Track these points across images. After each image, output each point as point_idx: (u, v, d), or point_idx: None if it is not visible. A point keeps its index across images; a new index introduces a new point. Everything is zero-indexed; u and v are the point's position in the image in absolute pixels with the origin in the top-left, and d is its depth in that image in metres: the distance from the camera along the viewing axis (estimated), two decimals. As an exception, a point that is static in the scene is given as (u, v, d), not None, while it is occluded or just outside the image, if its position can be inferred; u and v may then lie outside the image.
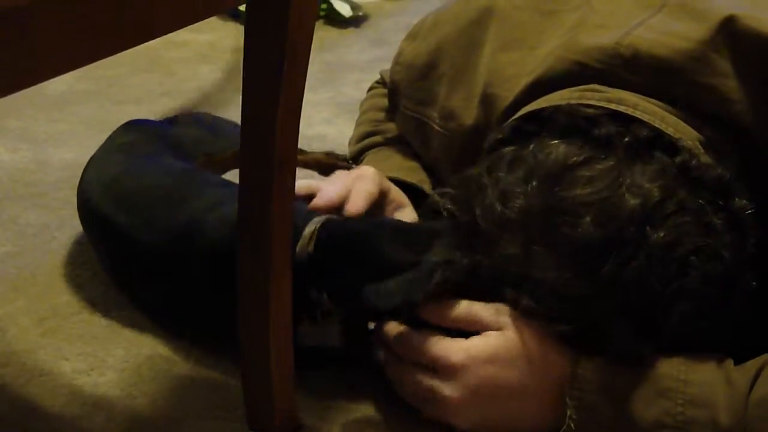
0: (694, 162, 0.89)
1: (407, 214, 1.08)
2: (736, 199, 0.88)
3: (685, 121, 0.92)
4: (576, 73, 0.97)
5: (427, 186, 1.14)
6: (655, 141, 0.90)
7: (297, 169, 0.86)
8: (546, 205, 0.86)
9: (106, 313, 1.07)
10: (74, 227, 1.20)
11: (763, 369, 0.85)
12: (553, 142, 0.89)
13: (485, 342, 0.90)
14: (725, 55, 0.92)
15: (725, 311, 0.87)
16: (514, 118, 0.97)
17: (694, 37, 0.93)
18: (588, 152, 0.88)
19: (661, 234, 0.84)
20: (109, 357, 1.00)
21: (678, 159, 0.88)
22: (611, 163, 0.87)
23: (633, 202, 0.85)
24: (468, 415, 0.91)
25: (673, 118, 0.92)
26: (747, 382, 0.84)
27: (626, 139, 0.88)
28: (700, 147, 0.91)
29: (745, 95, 0.91)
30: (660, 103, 0.93)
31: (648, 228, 0.84)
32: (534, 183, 0.87)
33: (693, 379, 0.85)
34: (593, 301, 0.85)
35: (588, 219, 0.84)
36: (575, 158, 0.87)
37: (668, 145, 0.89)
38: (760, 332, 0.90)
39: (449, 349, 0.90)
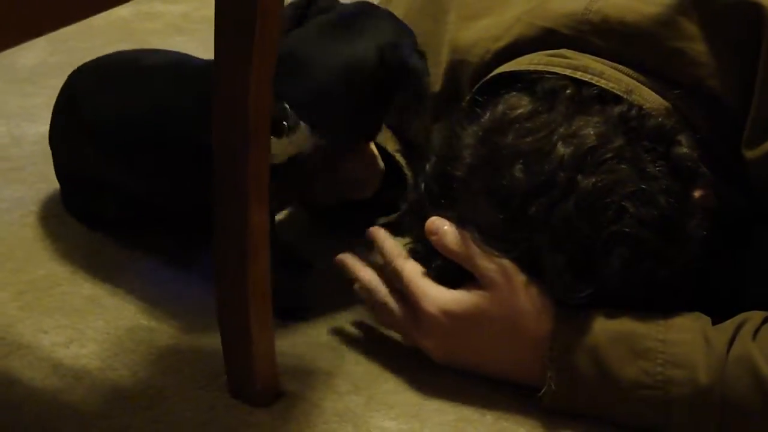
0: (633, 112, 0.91)
1: (372, 151, 1.08)
2: (677, 147, 0.90)
3: (653, 89, 0.93)
4: (545, 39, 0.97)
5: (390, 145, 1.14)
6: (599, 95, 0.92)
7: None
8: (486, 155, 0.90)
9: (85, 285, 1.06)
10: (51, 201, 1.19)
11: (741, 328, 0.86)
12: (501, 98, 0.92)
13: (462, 298, 0.91)
14: (694, 19, 0.92)
15: (673, 257, 0.88)
16: (482, 81, 0.98)
17: (662, 1, 0.93)
18: (532, 105, 0.91)
19: (593, 180, 0.87)
20: (88, 329, 1.00)
21: (617, 109, 0.90)
22: (553, 115, 0.90)
23: (564, 150, 0.87)
24: (437, 354, 0.94)
25: (638, 86, 0.93)
26: (725, 341, 0.85)
27: (568, 92, 0.91)
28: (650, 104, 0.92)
29: (714, 59, 0.92)
30: (628, 70, 0.94)
31: (579, 175, 0.87)
32: (480, 134, 0.91)
33: (672, 339, 0.86)
34: (526, 240, 0.88)
35: (518, 167, 0.88)
36: (520, 111, 0.90)
37: (611, 98, 0.91)
38: (735, 290, 0.91)
39: (426, 294, 0.92)
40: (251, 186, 0.82)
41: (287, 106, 0.92)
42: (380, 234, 0.98)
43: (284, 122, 0.92)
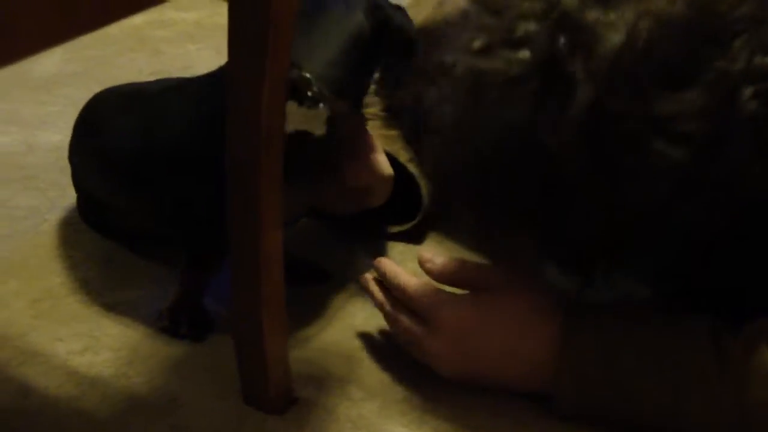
0: None
1: (383, 156, 1.07)
2: None
3: None
4: None
5: (402, 155, 1.14)
6: None
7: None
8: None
9: (100, 293, 1.07)
10: (65, 209, 1.20)
11: (756, 334, 0.85)
12: None
13: (472, 301, 0.91)
14: None
15: None
16: None
17: None
18: None
19: None
20: (103, 337, 1.00)
21: None
22: None
23: None
24: (449, 366, 0.93)
25: None
26: (741, 348, 0.84)
27: None
28: None
29: None
30: None
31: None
32: None
33: (686, 346, 0.85)
34: None
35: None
36: None
37: None
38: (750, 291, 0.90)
39: (437, 301, 0.92)
40: (264, 195, 0.82)
41: (308, 75, 0.92)
42: (383, 262, 0.98)
43: (309, 92, 0.92)
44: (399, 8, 0.99)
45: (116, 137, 1.06)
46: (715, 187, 0.77)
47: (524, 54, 0.77)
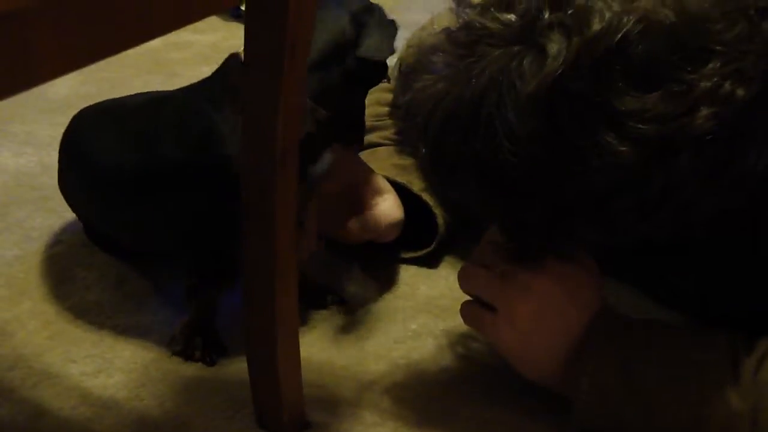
0: None
1: (390, 200, 1.07)
2: None
3: None
4: None
5: (417, 184, 1.14)
6: None
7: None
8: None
9: (113, 315, 1.07)
10: (80, 230, 1.20)
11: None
12: None
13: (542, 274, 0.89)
14: None
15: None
16: None
17: None
18: None
19: None
20: (116, 359, 1.00)
21: None
22: None
23: None
24: (508, 331, 0.90)
25: None
26: (753, 363, 0.84)
27: None
28: None
29: None
30: None
31: None
32: None
33: (705, 359, 0.85)
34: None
35: None
36: None
37: None
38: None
39: (512, 296, 0.90)
40: (279, 215, 0.82)
41: None
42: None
43: None
44: (391, 23, 0.99)
45: (107, 156, 1.05)
46: (654, 193, 0.78)
47: (510, 17, 0.80)
